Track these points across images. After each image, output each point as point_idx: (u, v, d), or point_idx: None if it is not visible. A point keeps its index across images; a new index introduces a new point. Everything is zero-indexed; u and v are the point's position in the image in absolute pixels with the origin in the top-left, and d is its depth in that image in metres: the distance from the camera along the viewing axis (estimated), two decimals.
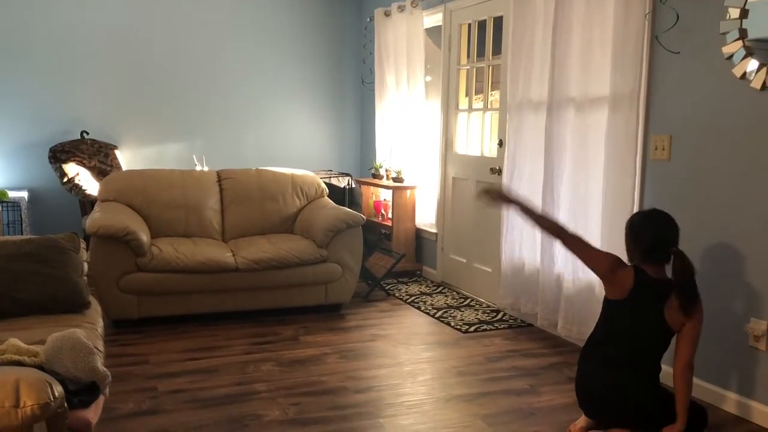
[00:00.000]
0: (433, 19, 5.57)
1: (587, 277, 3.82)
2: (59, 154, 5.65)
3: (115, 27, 6.02)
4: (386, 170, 5.97)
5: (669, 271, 2.71)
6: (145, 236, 4.24)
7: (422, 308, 4.79)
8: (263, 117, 6.65)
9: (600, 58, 3.71)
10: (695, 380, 3.31)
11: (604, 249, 3.59)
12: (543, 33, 4.09)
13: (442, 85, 5.47)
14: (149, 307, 4.24)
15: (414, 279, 5.67)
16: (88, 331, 2.69)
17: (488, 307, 4.83)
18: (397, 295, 5.14)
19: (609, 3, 3.62)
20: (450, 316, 4.61)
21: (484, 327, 4.39)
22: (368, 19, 6.36)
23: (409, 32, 5.72)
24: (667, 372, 2.83)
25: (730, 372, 3.18)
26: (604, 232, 3.68)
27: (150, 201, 4.71)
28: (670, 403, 2.73)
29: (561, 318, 3.98)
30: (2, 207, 5.34)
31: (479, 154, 5.16)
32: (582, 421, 2.87)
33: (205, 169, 5.81)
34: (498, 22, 4.80)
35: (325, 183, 5.42)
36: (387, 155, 6.09)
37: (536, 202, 4.19)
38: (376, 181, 6.04)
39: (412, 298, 5.06)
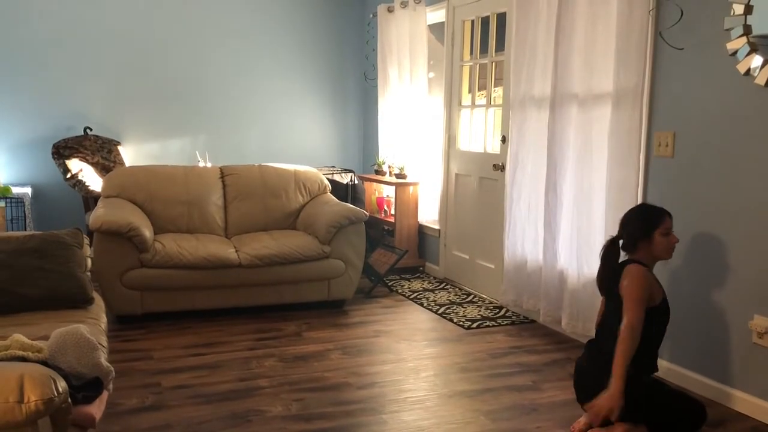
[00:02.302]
0: (436, 15, 5.56)
1: (591, 272, 3.82)
2: (62, 150, 5.66)
3: (118, 23, 6.03)
4: (389, 166, 5.97)
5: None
6: (148, 232, 4.25)
7: (425, 304, 4.80)
8: (266, 113, 6.65)
9: (603, 54, 3.70)
10: (697, 376, 3.32)
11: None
12: (546, 29, 4.08)
13: (445, 82, 5.46)
14: (152, 303, 4.24)
15: (417, 275, 5.67)
16: (92, 326, 2.69)
17: (491, 303, 4.83)
18: (399, 291, 5.14)
19: None
20: (453, 312, 4.62)
21: (487, 323, 4.39)
22: (371, 15, 6.35)
23: (412, 28, 5.71)
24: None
25: (733, 368, 3.18)
26: (607, 229, 3.67)
27: (153, 197, 4.72)
28: (664, 397, 2.80)
29: (565, 314, 3.97)
30: (6, 203, 5.35)
31: (482, 151, 5.15)
32: (585, 418, 2.88)
33: (208, 165, 5.81)
34: (501, 18, 4.79)
35: (327, 179, 5.42)
36: (390, 151, 6.09)
37: (539, 198, 4.20)
38: (378, 177, 6.04)
39: (415, 294, 5.07)
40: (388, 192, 6.01)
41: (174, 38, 6.23)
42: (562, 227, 4.04)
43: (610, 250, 2.96)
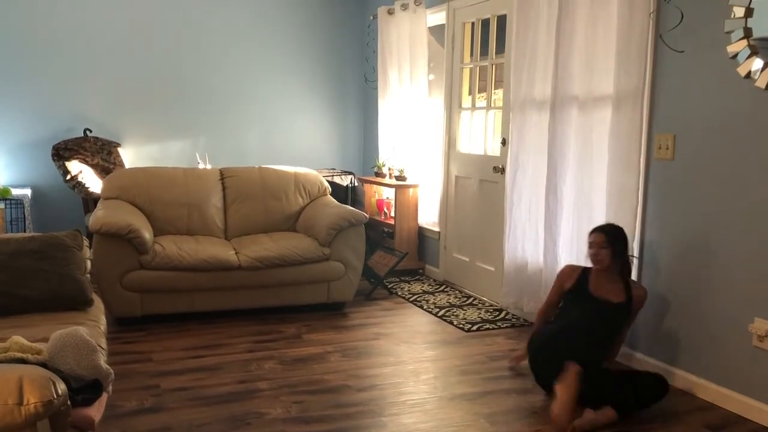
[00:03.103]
0: (437, 17, 5.56)
1: None
2: (62, 152, 5.66)
3: (118, 25, 6.02)
4: (389, 168, 5.97)
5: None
6: (147, 234, 4.25)
7: (425, 307, 4.79)
8: (266, 115, 6.65)
9: (604, 56, 3.70)
10: (697, 379, 3.32)
11: None
12: (546, 32, 4.08)
13: (446, 84, 5.46)
14: (152, 305, 4.24)
15: (416, 277, 5.66)
16: (91, 328, 2.69)
17: (491, 306, 4.83)
18: (399, 293, 5.13)
19: (613, 2, 3.61)
20: (452, 314, 4.61)
21: (487, 326, 4.38)
22: (371, 17, 6.35)
23: (412, 30, 5.71)
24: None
25: (733, 371, 3.17)
26: None
27: (153, 199, 4.71)
28: (625, 378, 3.19)
29: None
30: (5, 204, 5.34)
31: (482, 153, 5.15)
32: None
33: (208, 166, 5.81)
34: (501, 20, 4.79)
35: (327, 181, 5.42)
36: (390, 153, 6.09)
37: (540, 201, 4.20)
38: (378, 179, 6.03)
39: (415, 296, 5.06)
40: (388, 194, 6.01)
41: (174, 40, 6.23)
42: (563, 229, 4.03)
43: None
